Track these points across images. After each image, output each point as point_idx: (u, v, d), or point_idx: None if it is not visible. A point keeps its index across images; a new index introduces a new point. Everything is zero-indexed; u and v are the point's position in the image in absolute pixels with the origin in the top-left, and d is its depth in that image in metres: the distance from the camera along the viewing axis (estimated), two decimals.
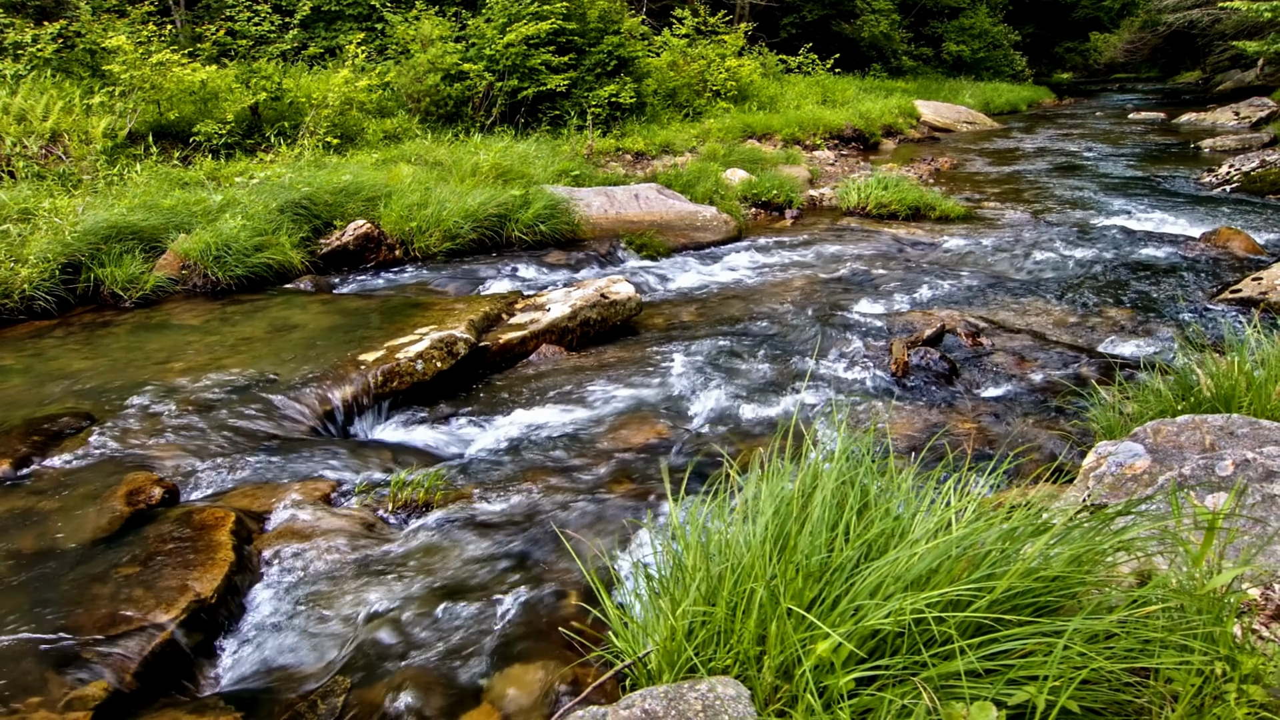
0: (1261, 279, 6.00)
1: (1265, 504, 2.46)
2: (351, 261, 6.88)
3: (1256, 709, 1.57)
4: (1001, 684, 1.39)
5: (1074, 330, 5.55)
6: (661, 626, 1.75)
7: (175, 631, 2.50)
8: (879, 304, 6.17)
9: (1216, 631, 1.57)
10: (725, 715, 1.55)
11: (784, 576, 1.60)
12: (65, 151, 7.94)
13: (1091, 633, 1.55)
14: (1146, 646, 1.55)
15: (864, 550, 1.66)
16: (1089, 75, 42.31)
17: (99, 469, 3.44)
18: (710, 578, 1.74)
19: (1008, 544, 1.56)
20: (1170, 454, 2.79)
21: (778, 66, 19.02)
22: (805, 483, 1.86)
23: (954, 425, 3.91)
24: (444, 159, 9.04)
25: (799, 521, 1.70)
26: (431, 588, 2.73)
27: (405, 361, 4.43)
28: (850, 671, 1.44)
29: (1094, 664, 1.37)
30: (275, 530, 3.10)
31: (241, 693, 2.36)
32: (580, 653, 2.22)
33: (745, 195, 9.80)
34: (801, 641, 1.50)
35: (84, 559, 2.85)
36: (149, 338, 5.05)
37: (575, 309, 5.34)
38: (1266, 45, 16.07)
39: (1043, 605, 1.56)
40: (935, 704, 1.33)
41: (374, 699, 2.27)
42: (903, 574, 1.54)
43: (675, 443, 3.89)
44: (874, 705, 1.39)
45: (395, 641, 2.49)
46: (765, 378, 4.61)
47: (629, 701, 1.60)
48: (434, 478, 3.38)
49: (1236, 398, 3.02)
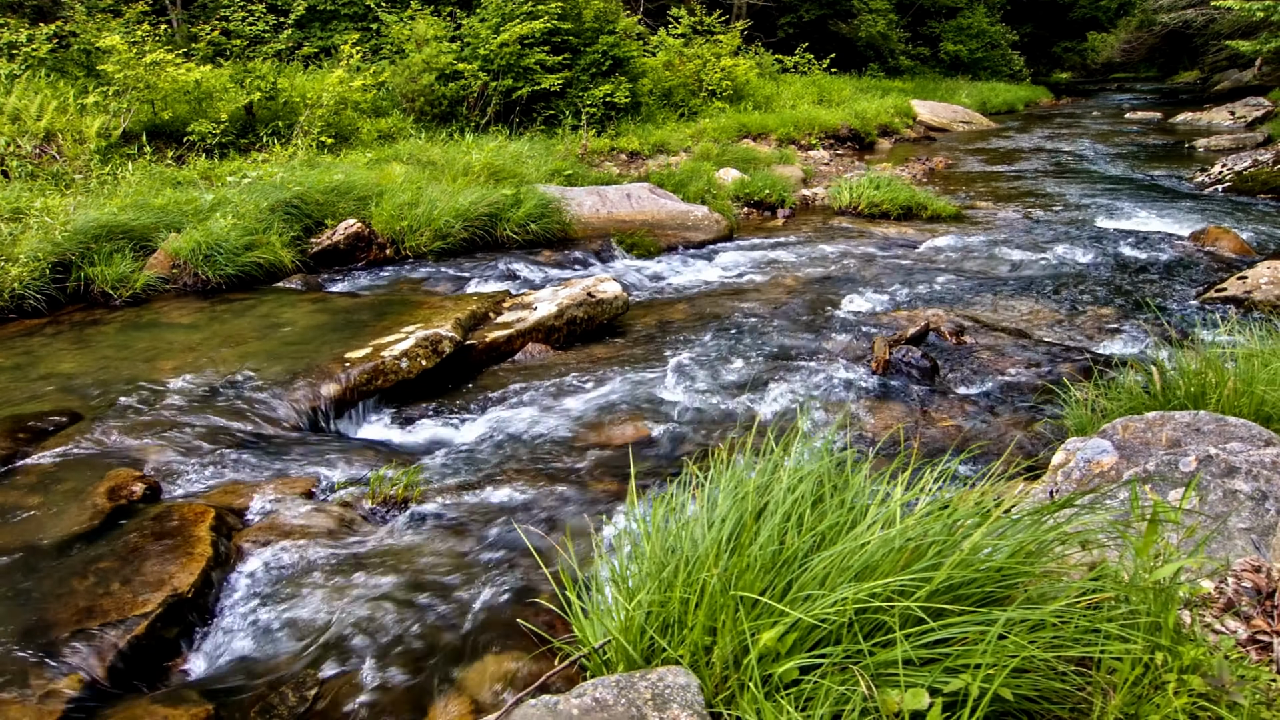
0: (1246, 278, 6.03)
1: (1226, 499, 2.49)
2: (342, 260, 6.91)
3: (1195, 698, 1.60)
4: (938, 672, 1.42)
5: (1059, 329, 5.58)
6: (618, 618, 1.78)
7: (151, 625, 2.54)
8: (866, 303, 6.20)
9: (1159, 622, 1.60)
10: (674, 704, 1.59)
11: (735, 568, 1.63)
12: (59, 151, 7.98)
13: (1035, 622, 1.58)
14: (1087, 636, 1.58)
15: (815, 542, 1.69)
16: (1087, 75, 42.32)
17: (82, 465, 3.47)
18: (667, 570, 1.77)
19: (950, 536, 1.59)
20: (1137, 450, 2.82)
21: (774, 66, 19.05)
22: (763, 477, 1.89)
23: (931, 422, 3.95)
24: (437, 158, 9.08)
25: (753, 515, 1.73)
26: (405, 582, 2.76)
27: (390, 360, 4.46)
28: (794, 659, 1.47)
29: (1026, 652, 1.40)
30: (255, 526, 3.13)
31: (215, 684, 2.39)
32: (551, 645, 2.25)
33: (738, 195, 9.83)
34: (749, 631, 1.53)
35: (64, 554, 2.88)
36: (138, 336, 5.08)
37: (562, 308, 5.37)
38: (1259, 45, 16.09)
39: (987, 596, 1.60)
40: (872, 691, 1.36)
41: (344, 690, 2.31)
42: (849, 565, 1.57)
43: (656, 440, 3.92)
44: (814, 693, 1.43)
45: (367, 634, 2.52)
46: (747, 376, 4.64)
47: (581, 690, 1.63)
48: (412, 474, 3.41)
49: (1207, 394, 3.05)
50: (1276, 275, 5.89)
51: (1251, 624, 2.01)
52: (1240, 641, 1.99)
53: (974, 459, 3.52)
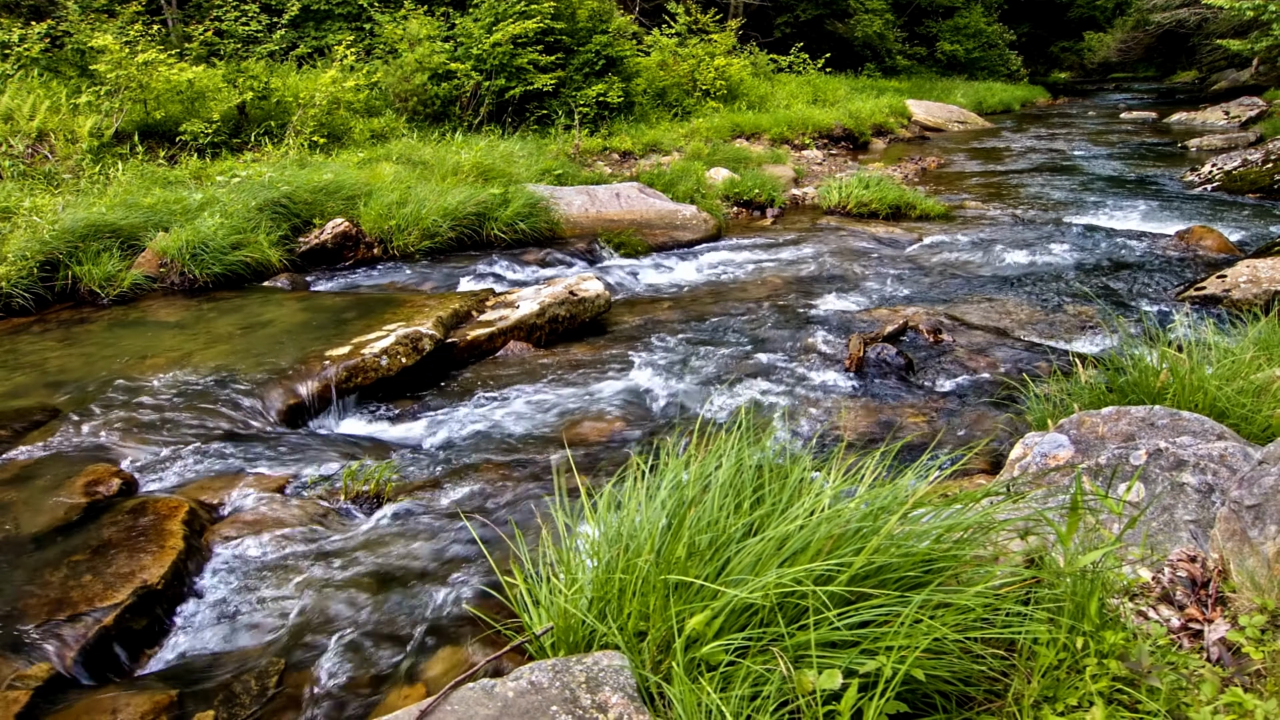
0: (1226, 276, 6.07)
1: (1174, 492, 2.53)
2: (330, 259, 6.97)
3: (1115, 682, 1.65)
4: (855, 654, 1.46)
5: (1038, 327, 5.62)
6: (561, 606, 1.83)
7: (120, 616, 2.59)
8: (848, 301, 6.24)
9: (1075, 608, 1.65)
10: (607, 686, 1.63)
11: (668, 555, 1.68)
12: (51, 151, 8.03)
13: (961, 606, 1.62)
14: (1013, 621, 1.62)
15: (750, 528, 1.74)
16: (1086, 75, 42.34)
17: (61, 461, 3.52)
18: (607, 558, 1.82)
19: (873, 522, 1.64)
20: (1093, 444, 2.86)
21: (769, 66, 19.09)
22: (706, 468, 1.93)
23: (902, 418, 3.99)
24: (428, 158, 9.13)
25: (691, 504, 1.78)
26: (372, 575, 2.81)
27: (370, 357, 4.51)
28: (720, 641, 1.51)
29: (938, 633, 1.44)
30: (228, 520, 3.18)
31: (181, 673, 2.44)
32: (506, 634, 2.30)
33: (727, 194, 9.87)
34: (678, 615, 1.58)
35: (39, 547, 2.93)
36: (123, 334, 5.13)
37: (544, 306, 5.42)
38: (1250, 44, 16.11)
39: (914, 581, 1.64)
40: (790, 671, 1.41)
41: (305, 678, 2.36)
42: (781, 550, 1.62)
43: (628, 437, 3.97)
44: (735, 674, 1.47)
45: (331, 626, 2.57)
46: (723, 373, 4.68)
47: (518, 674, 1.68)
48: (385, 470, 3.46)
49: (1164, 390, 3.09)
50: (1255, 274, 5.93)
51: (1185, 612, 2.06)
52: (1173, 629, 2.04)
53: (933, 453, 3.56)
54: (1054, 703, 1.54)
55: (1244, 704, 1.49)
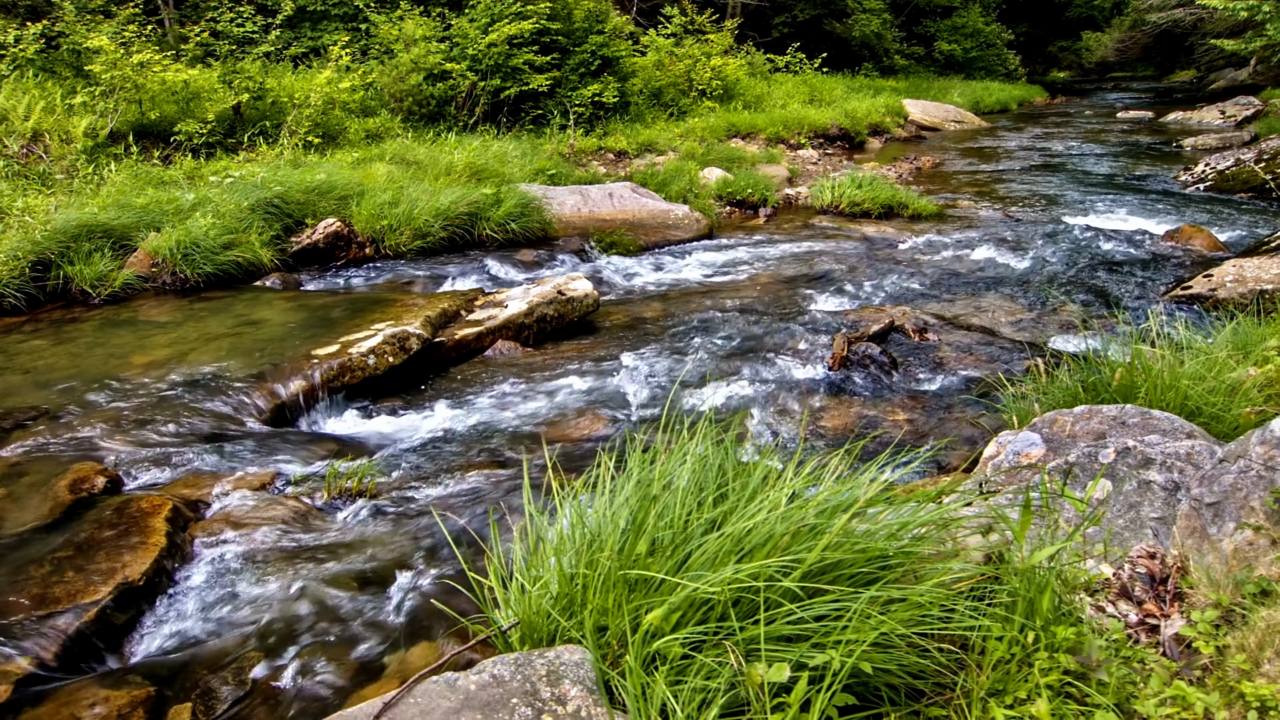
0: (1212, 275, 6.10)
1: (1140, 490, 2.56)
2: (321, 259, 7.00)
3: (1065, 676, 1.68)
4: (806, 648, 1.50)
5: (1024, 325, 5.65)
6: (525, 601, 1.86)
7: (101, 611, 2.62)
8: (836, 300, 6.28)
9: (1028, 604, 1.68)
10: (567, 679, 1.67)
11: (630, 551, 1.71)
12: (45, 151, 8.07)
13: (915, 602, 1.65)
14: (961, 616, 1.65)
15: (711, 524, 1.77)
16: (1084, 74, 42.35)
17: (47, 459, 3.55)
18: (572, 553, 1.85)
19: (828, 519, 1.67)
20: (1064, 443, 2.89)
21: (765, 66, 19.10)
22: (671, 465, 1.97)
23: (882, 416, 4.02)
24: (422, 158, 9.16)
25: (653, 501, 1.81)
26: (352, 572, 2.85)
27: (357, 356, 4.54)
28: (677, 635, 1.55)
29: (885, 627, 1.48)
30: (211, 517, 3.22)
31: (159, 667, 2.48)
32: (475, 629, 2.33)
33: (720, 194, 9.90)
34: (637, 609, 1.61)
35: (23, 544, 2.97)
36: (114, 334, 5.17)
37: (532, 305, 5.45)
38: (1244, 44, 16.14)
39: (868, 577, 1.67)
40: (740, 665, 1.44)
41: (283, 672, 2.39)
42: (736, 546, 1.65)
43: (609, 435, 4.00)
44: (687, 668, 1.51)
45: (310, 622, 2.60)
46: (706, 372, 4.72)
47: (481, 668, 1.72)
48: (368, 468, 3.50)
49: (1137, 388, 3.13)
50: (1241, 273, 5.96)
51: (1143, 608, 2.09)
52: (1130, 624, 2.07)
53: (910, 451, 3.59)
54: (1002, 696, 1.58)
55: (1186, 697, 1.52)
